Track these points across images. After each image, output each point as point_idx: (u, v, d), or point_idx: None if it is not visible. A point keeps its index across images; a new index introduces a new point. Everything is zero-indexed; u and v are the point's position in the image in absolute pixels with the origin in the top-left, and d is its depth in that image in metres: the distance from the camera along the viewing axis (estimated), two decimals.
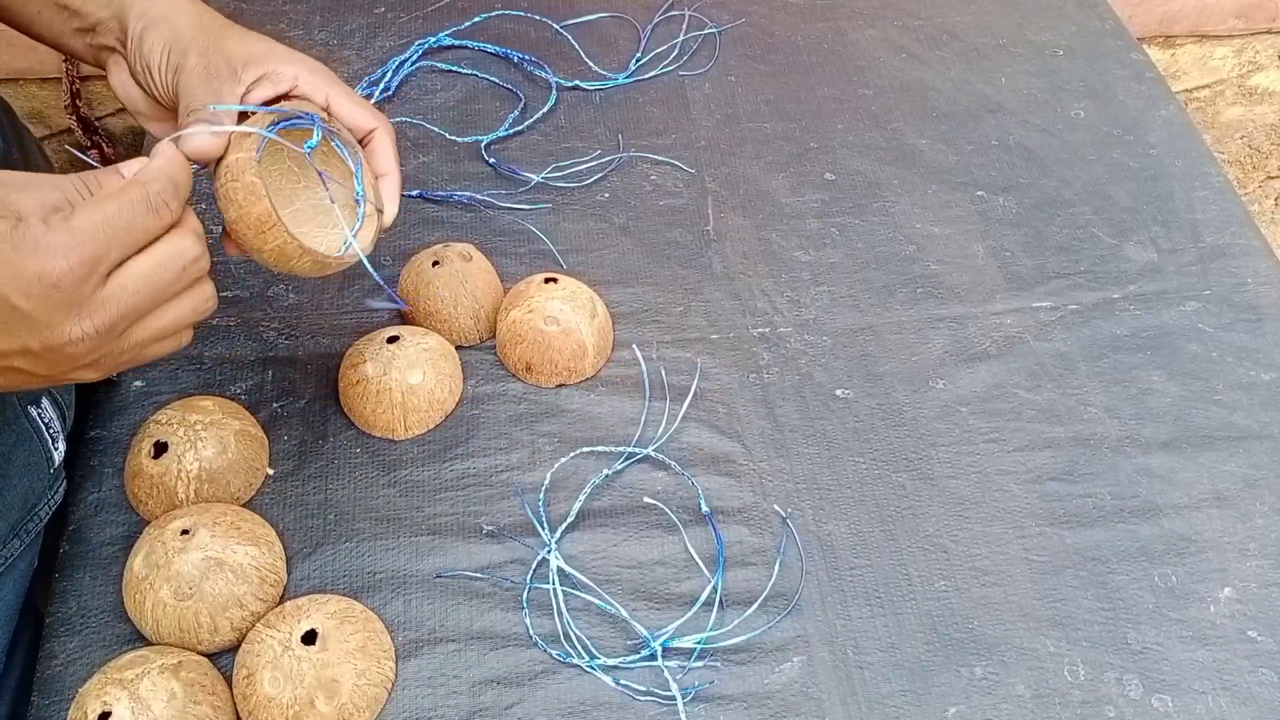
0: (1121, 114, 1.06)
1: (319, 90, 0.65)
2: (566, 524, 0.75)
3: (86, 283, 0.46)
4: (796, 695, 0.69)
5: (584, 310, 0.82)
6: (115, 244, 0.48)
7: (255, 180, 0.59)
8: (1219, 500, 0.78)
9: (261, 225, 0.59)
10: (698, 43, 1.10)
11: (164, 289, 0.51)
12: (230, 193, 0.60)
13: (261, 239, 0.60)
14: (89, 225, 0.46)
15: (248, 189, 0.59)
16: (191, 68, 0.62)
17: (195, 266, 0.53)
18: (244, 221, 0.60)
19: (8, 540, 0.68)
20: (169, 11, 0.64)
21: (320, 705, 0.64)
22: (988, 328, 0.88)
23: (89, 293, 0.47)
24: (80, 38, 0.67)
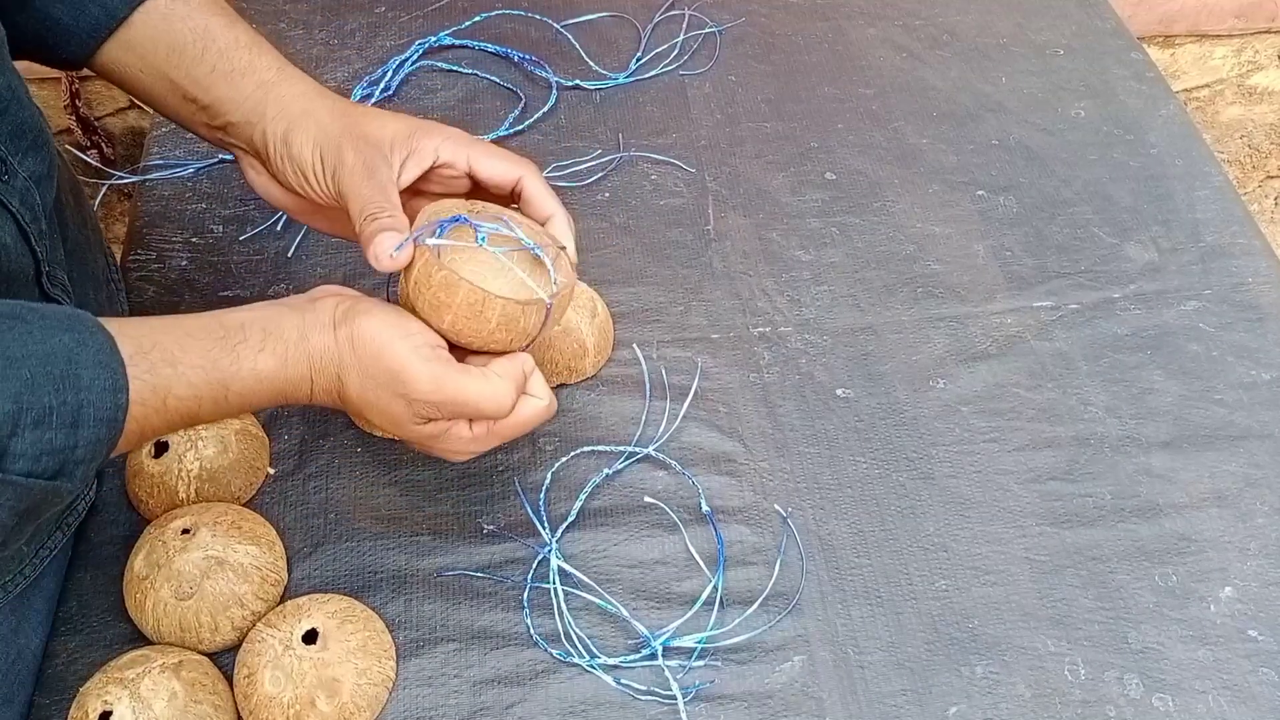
0: (1122, 114, 1.06)
1: (460, 155, 0.66)
2: (567, 523, 0.75)
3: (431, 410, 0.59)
4: (797, 694, 0.69)
5: (584, 310, 0.82)
6: (461, 405, 0.60)
7: (447, 272, 0.59)
8: (1219, 500, 0.79)
9: (474, 308, 0.59)
10: (698, 42, 1.10)
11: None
12: (434, 299, 0.59)
13: (481, 319, 0.59)
14: (459, 384, 0.59)
15: (444, 284, 0.59)
16: (351, 165, 0.63)
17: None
18: (457, 313, 0.59)
19: (51, 534, 0.69)
20: (308, 108, 0.65)
21: (321, 704, 0.64)
22: (988, 327, 0.88)
23: (424, 416, 0.60)
24: (210, 131, 0.68)
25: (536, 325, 0.62)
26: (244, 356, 0.56)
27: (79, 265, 0.76)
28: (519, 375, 0.61)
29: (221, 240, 0.91)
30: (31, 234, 0.63)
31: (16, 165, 0.63)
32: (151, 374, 0.53)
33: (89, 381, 0.50)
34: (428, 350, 0.58)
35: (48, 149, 0.67)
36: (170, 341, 0.54)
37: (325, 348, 0.58)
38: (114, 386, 0.51)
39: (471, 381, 0.59)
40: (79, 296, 0.73)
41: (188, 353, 0.54)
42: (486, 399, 0.59)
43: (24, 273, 0.63)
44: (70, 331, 0.51)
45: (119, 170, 1.00)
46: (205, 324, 0.56)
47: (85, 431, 0.50)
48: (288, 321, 0.58)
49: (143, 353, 0.53)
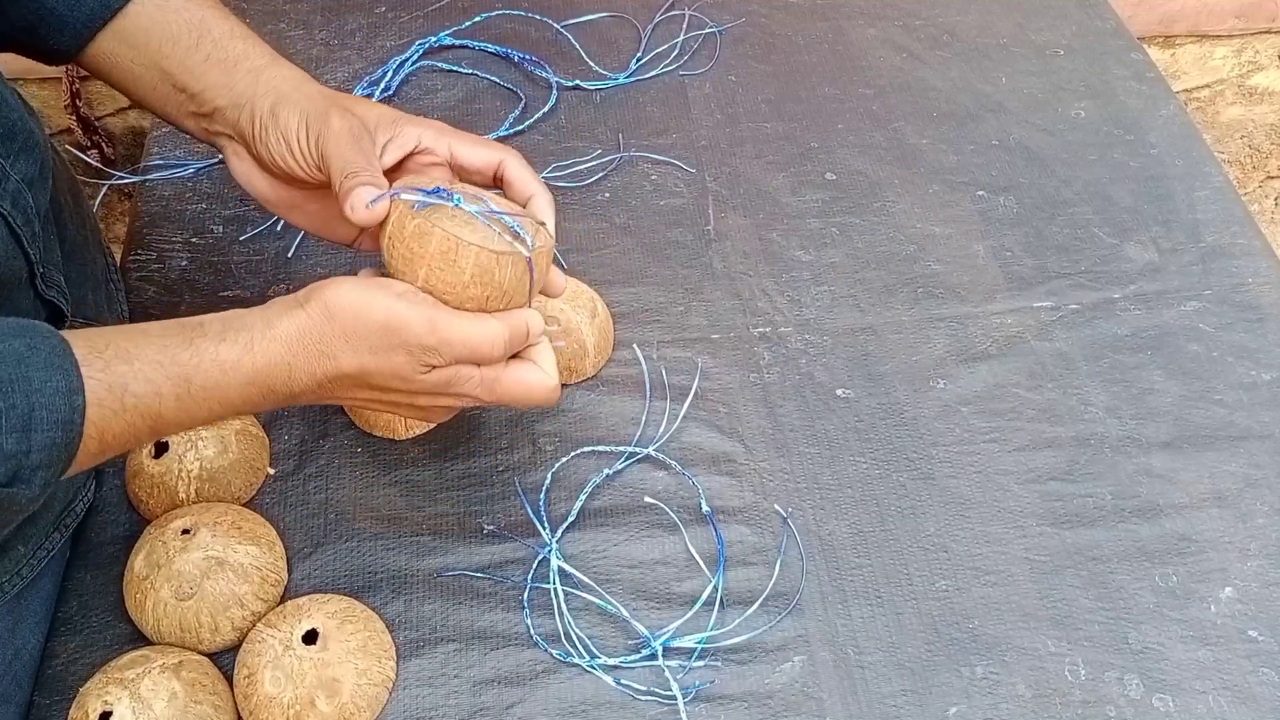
0: (1122, 114, 1.06)
1: (441, 143, 0.67)
2: (567, 523, 0.75)
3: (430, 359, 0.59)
4: (797, 695, 0.69)
5: (585, 310, 0.82)
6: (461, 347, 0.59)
7: (420, 221, 0.58)
8: (1219, 500, 0.78)
9: (447, 256, 0.58)
10: (698, 42, 1.10)
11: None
12: (407, 251, 0.58)
13: (455, 269, 0.58)
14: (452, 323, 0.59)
15: (416, 233, 0.58)
16: (337, 130, 0.63)
17: None
18: (431, 264, 0.58)
19: (49, 534, 0.69)
20: (297, 84, 0.66)
21: (321, 704, 0.64)
22: (988, 327, 0.88)
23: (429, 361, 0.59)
24: (196, 121, 0.68)
25: (514, 283, 0.60)
26: (203, 349, 0.55)
27: (77, 266, 0.76)
28: (518, 322, 0.61)
29: (222, 240, 0.91)
30: (24, 237, 0.63)
31: (8, 168, 0.63)
32: (106, 372, 0.52)
33: (40, 384, 0.49)
34: (411, 294, 0.58)
35: (40, 151, 0.67)
36: (125, 340, 0.53)
37: (299, 327, 0.57)
38: (68, 388, 0.50)
39: (464, 320, 0.59)
40: (77, 297, 0.73)
41: (143, 349, 0.53)
42: (482, 336, 0.59)
43: (16, 276, 0.63)
44: (20, 337, 0.50)
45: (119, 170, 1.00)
46: (163, 324, 0.56)
47: (39, 435, 0.49)
48: (250, 315, 0.57)
49: (96, 352, 0.52)
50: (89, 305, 0.76)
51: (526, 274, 0.61)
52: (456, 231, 0.59)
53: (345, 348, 0.57)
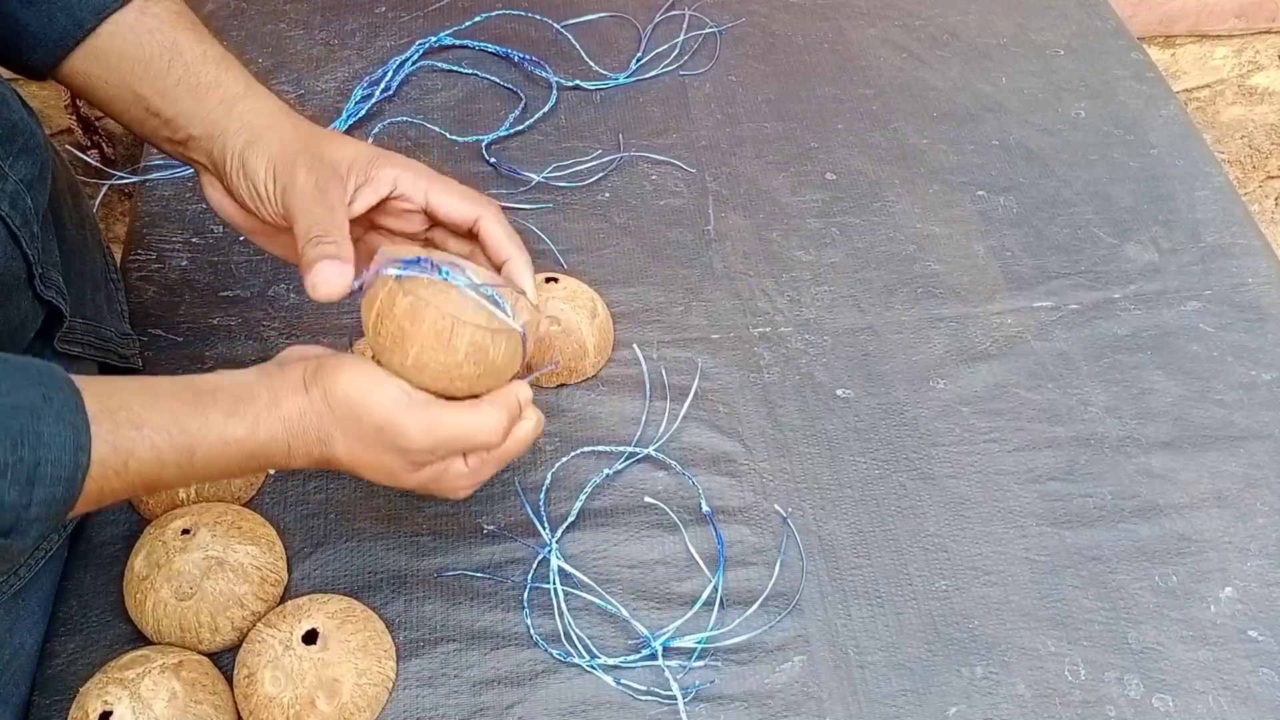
0: (1122, 114, 1.06)
1: (418, 188, 0.64)
2: (567, 523, 0.75)
3: (426, 456, 0.59)
4: (797, 695, 0.69)
5: (585, 310, 0.82)
6: (457, 443, 0.59)
7: (413, 299, 0.56)
8: (1219, 500, 0.78)
9: (442, 335, 0.56)
10: (698, 42, 1.10)
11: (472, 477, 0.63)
12: (397, 329, 0.56)
13: (450, 349, 0.56)
14: (448, 422, 0.58)
15: (409, 311, 0.56)
16: (302, 185, 0.61)
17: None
18: (424, 343, 0.56)
19: (47, 534, 0.69)
20: (270, 124, 0.64)
21: (321, 704, 0.64)
22: (988, 327, 0.88)
23: (422, 461, 0.59)
24: (172, 146, 0.67)
25: (507, 360, 0.58)
26: (213, 421, 0.54)
27: (77, 266, 0.76)
28: (511, 401, 0.60)
29: (222, 240, 0.91)
30: (22, 238, 0.63)
31: (7, 169, 0.63)
32: (115, 434, 0.52)
33: (50, 438, 0.49)
34: (406, 397, 0.57)
35: (40, 151, 0.67)
36: (138, 403, 0.53)
37: (301, 411, 0.56)
38: (75, 444, 0.50)
39: (461, 415, 0.58)
40: (77, 297, 0.73)
41: (154, 414, 0.53)
42: (480, 430, 0.58)
43: (14, 276, 0.63)
44: (37, 386, 0.50)
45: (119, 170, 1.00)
46: (175, 387, 0.55)
47: (41, 490, 0.49)
48: (259, 387, 0.56)
49: (108, 412, 0.52)
50: (88, 305, 0.76)
51: (519, 349, 0.59)
52: (450, 309, 0.57)
53: (341, 438, 0.57)
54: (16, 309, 0.65)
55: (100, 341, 0.77)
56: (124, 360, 0.80)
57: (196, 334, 0.85)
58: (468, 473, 0.61)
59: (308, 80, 1.04)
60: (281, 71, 1.05)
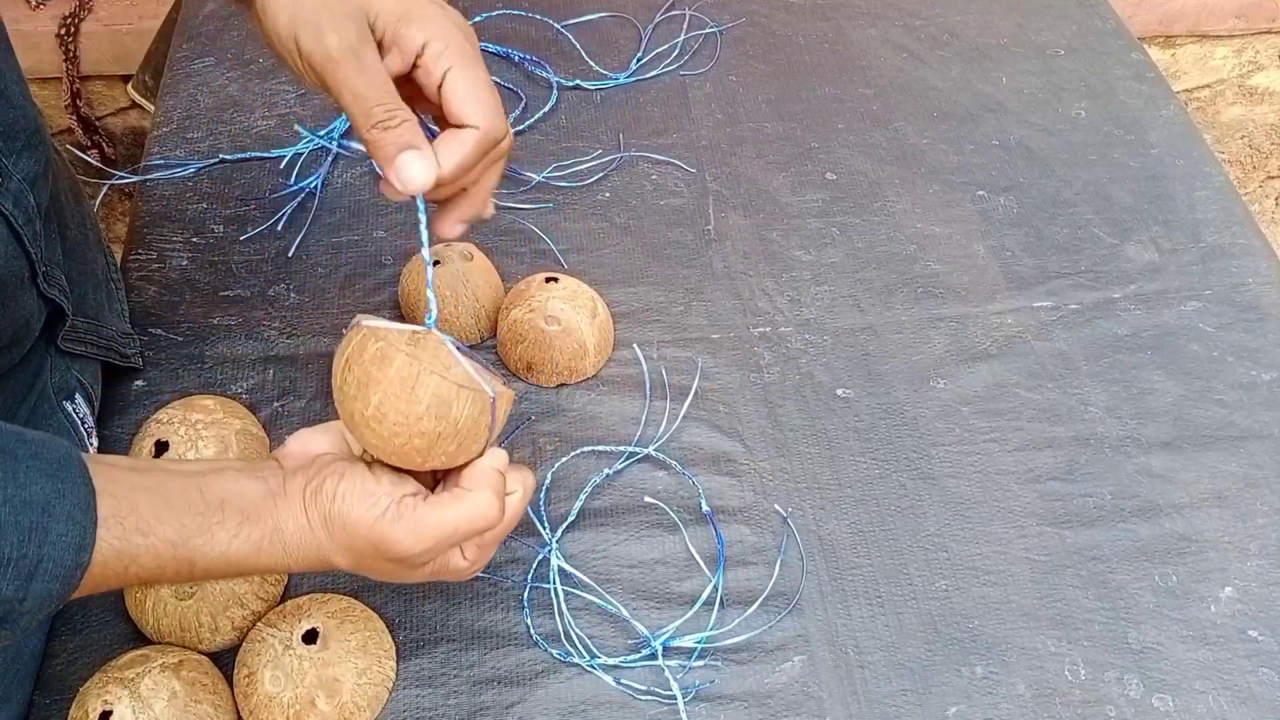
0: (1122, 114, 1.06)
1: (439, 65, 0.56)
2: (567, 523, 0.75)
3: (423, 559, 0.57)
4: (797, 694, 0.69)
5: (585, 310, 0.82)
6: (449, 539, 0.57)
7: (383, 345, 0.54)
8: (1219, 500, 0.78)
9: (405, 383, 0.53)
10: (698, 42, 1.10)
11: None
12: (363, 375, 0.54)
13: (412, 398, 0.54)
14: (438, 522, 0.56)
15: (378, 356, 0.54)
16: (334, 51, 0.54)
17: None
18: (386, 390, 0.54)
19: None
20: None
21: (321, 704, 0.64)
22: (988, 327, 0.88)
23: (420, 562, 0.58)
24: None
25: (470, 423, 0.56)
26: (218, 539, 0.54)
27: (78, 265, 0.76)
28: (494, 479, 0.57)
29: (222, 240, 0.91)
30: (25, 236, 0.63)
31: (10, 167, 0.63)
32: (121, 540, 0.51)
33: (56, 536, 0.49)
34: (394, 509, 0.55)
35: (43, 148, 0.67)
36: (148, 510, 0.53)
37: (302, 537, 0.56)
38: (79, 545, 0.50)
39: (449, 511, 0.56)
40: (78, 296, 0.73)
41: (163, 525, 0.53)
42: (473, 520, 0.57)
43: (17, 275, 0.63)
44: (54, 479, 0.49)
45: (120, 170, 1.00)
46: (186, 493, 0.54)
47: (38, 585, 0.49)
48: (265, 509, 0.56)
49: (118, 517, 0.51)
50: (90, 304, 0.76)
51: (484, 416, 0.56)
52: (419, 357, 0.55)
53: (342, 556, 0.57)
54: (21, 307, 0.65)
55: (101, 340, 0.77)
56: (125, 359, 0.80)
57: (197, 333, 0.85)
58: (468, 564, 0.60)
59: None
60: (282, 71, 1.04)
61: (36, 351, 0.70)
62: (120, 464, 0.55)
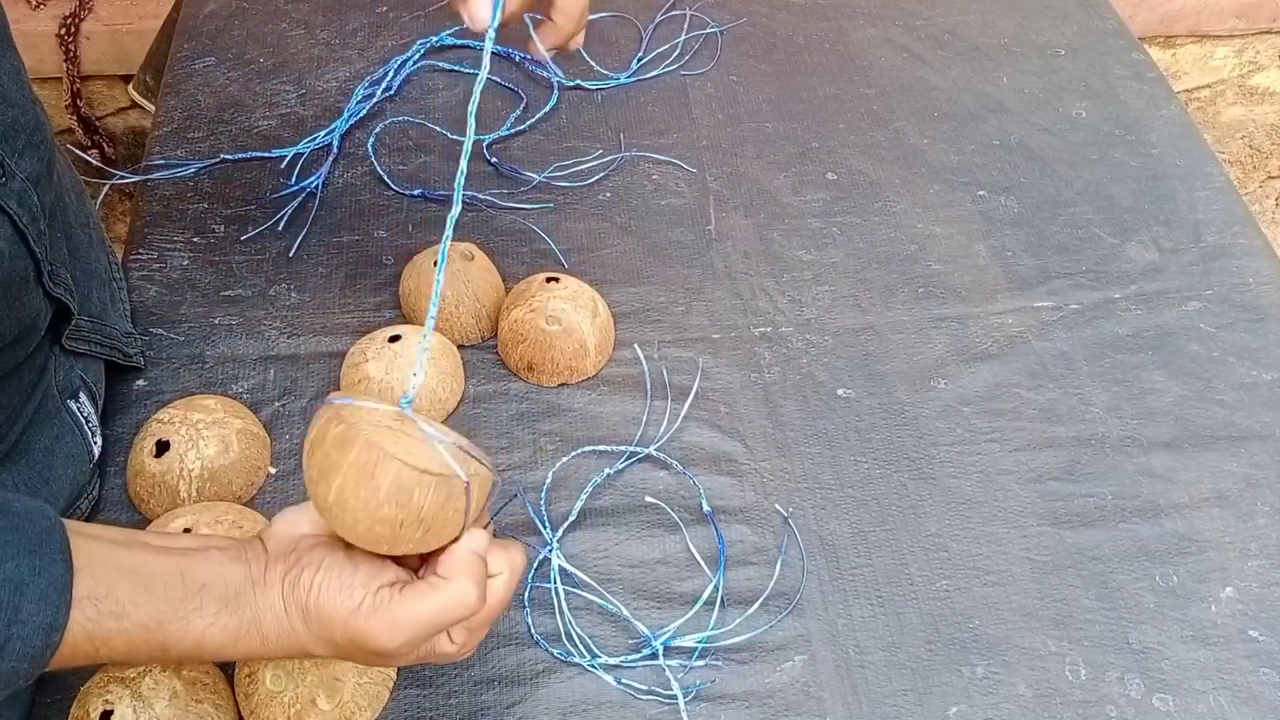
0: (1123, 114, 1.06)
1: None
2: (568, 523, 0.75)
3: (403, 650, 0.55)
4: (798, 694, 0.69)
5: (585, 310, 0.82)
6: (427, 631, 0.55)
7: (345, 429, 0.52)
8: (1220, 500, 0.78)
9: (365, 468, 0.51)
10: (699, 42, 1.10)
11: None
12: (324, 459, 0.52)
13: (371, 484, 0.51)
14: (414, 615, 0.54)
15: (338, 440, 0.52)
16: None
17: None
18: (346, 476, 0.51)
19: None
20: None
21: (321, 703, 0.64)
22: (989, 327, 0.88)
23: (404, 653, 0.56)
24: None
25: (436, 510, 0.53)
26: (194, 625, 0.53)
27: (82, 264, 0.76)
28: (472, 565, 0.55)
29: (223, 240, 0.91)
30: (30, 234, 0.63)
31: (13, 166, 0.62)
32: (95, 624, 0.51)
33: (28, 615, 0.48)
34: (370, 602, 0.54)
35: (45, 147, 0.67)
36: (125, 592, 0.52)
37: (280, 628, 0.55)
38: (51, 626, 0.49)
39: (426, 603, 0.54)
40: (83, 294, 0.73)
41: (139, 609, 0.52)
42: (448, 610, 0.54)
43: (23, 275, 0.63)
44: (32, 555, 0.49)
45: (120, 170, 1.00)
46: (167, 576, 0.53)
47: (4, 664, 0.48)
48: (244, 597, 0.55)
49: (94, 600, 0.51)
50: (93, 303, 0.76)
51: (454, 501, 0.53)
52: (383, 443, 0.52)
53: (321, 648, 0.56)
54: (27, 306, 0.65)
55: (105, 340, 0.77)
56: (127, 359, 0.80)
57: (197, 333, 0.85)
58: (456, 648, 0.58)
59: (309, 80, 1.04)
60: (283, 71, 1.05)
61: (41, 350, 0.70)
62: (105, 537, 0.54)
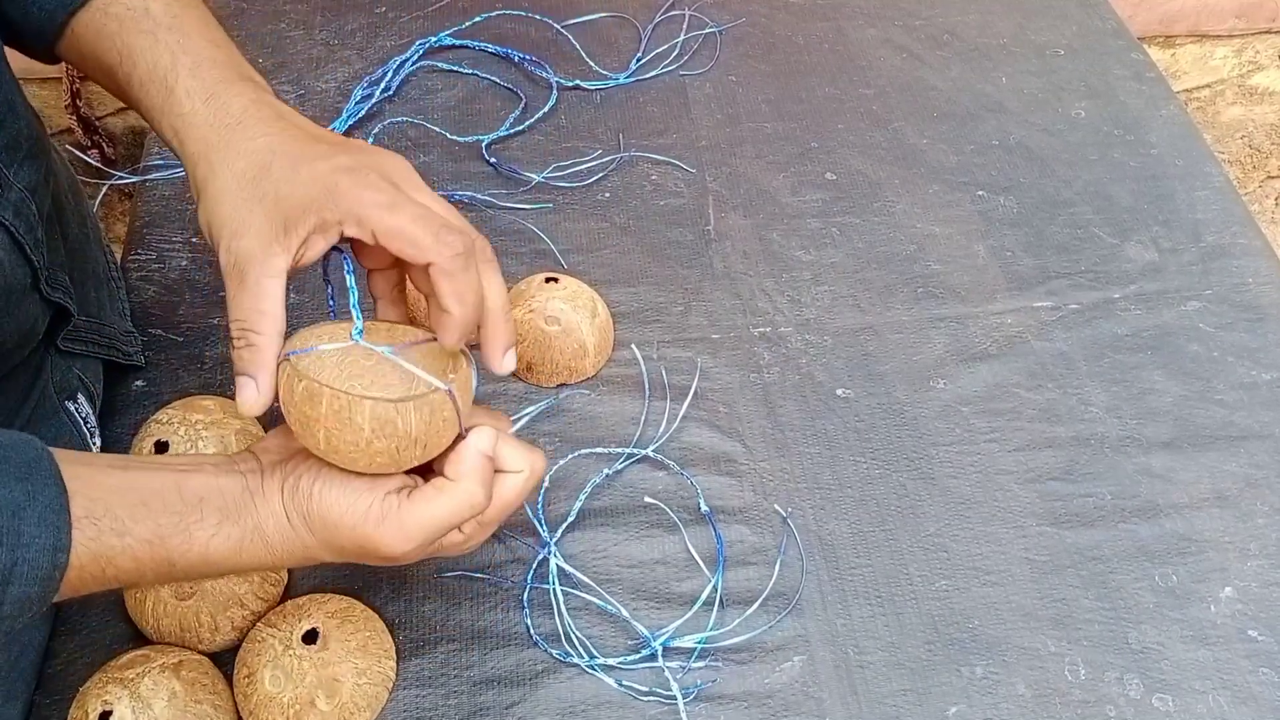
0: (1122, 114, 1.06)
1: (364, 230, 0.55)
2: (567, 524, 0.75)
3: (414, 554, 0.56)
4: (797, 694, 0.69)
5: (585, 310, 0.82)
6: (438, 533, 0.56)
7: (307, 383, 0.53)
8: (1220, 500, 0.78)
9: (340, 415, 0.52)
10: (698, 42, 1.10)
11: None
12: (301, 416, 0.53)
13: (353, 427, 0.52)
14: (422, 520, 0.55)
15: (306, 395, 0.53)
16: (224, 265, 0.55)
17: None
18: (328, 426, 0.52)
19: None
20: (210, 169, 0.56)
21: (320, 704, 0.64)
22: (988, 327, 0.88)
23: (415, 556, 0.57)
24: None
25: (424, 427, 0.53)
26: (196, 538, 0.53)
27: (79, 264, 0.76)
28: (479, 464, 0.56)
29: None
30: (27, 244, 0.63)
31: (11, 177, 0.62)
32: (96, 542, 0.51)
33: (30, 539, 0.48)
34: (378, 509, 0.54)
35: (42, 156, 0.67)
36: (123, 509, 0.52)
37: (284, 537, 0.55)
38: (55, 546, 0.49)
39: (434, 506, 0.55)
40: (80, 295, 0.73)
41: (139, 524, 0.52)
42: (457, 512, 0.55)
43: (20, 283, 0.63)
44: (25, 481, 0.49)
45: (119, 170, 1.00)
46: (163, 492, 0.53)
47: (15, 589, 0.48)
48: (244, 506, 0.55)
49: (92, 519, 0.51)
50: (92, 303, 0.76)
51: (441, 412, 0.54)
52: (346, 385, 0.53)
53: (327, 552, 0.56)
54: (25, 314, 0.65)
55: (103, 339, 0.77)
56: (127, 358, 0.80)
57: (197, 333, 0.85)
58: (463, 539, 0.58)
59: (308, 80, 1.04)
60: (282, 71, 1.05)
61: (37, 352, 0.70)
62: (95, 463, 0.54)
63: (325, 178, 0.55)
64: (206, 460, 0.56)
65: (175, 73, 0.59)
